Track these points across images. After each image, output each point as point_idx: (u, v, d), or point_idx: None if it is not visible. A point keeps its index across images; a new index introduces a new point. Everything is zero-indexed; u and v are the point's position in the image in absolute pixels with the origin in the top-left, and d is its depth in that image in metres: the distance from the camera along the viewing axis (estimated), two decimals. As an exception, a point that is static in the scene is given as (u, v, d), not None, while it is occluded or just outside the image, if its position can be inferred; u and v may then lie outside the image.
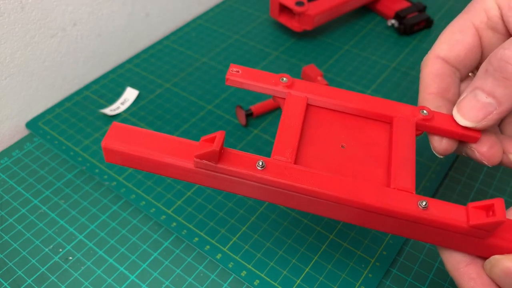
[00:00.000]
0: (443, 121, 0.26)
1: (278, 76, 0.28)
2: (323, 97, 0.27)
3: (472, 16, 0.28)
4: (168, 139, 0.25)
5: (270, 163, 0.24)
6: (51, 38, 0.45)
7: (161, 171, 0.25)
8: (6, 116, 0.44)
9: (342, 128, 0.27)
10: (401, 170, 0.24)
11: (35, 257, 0.35)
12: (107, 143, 0.24)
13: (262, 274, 0.34)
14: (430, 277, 0.34)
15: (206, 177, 0.24)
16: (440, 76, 0.28)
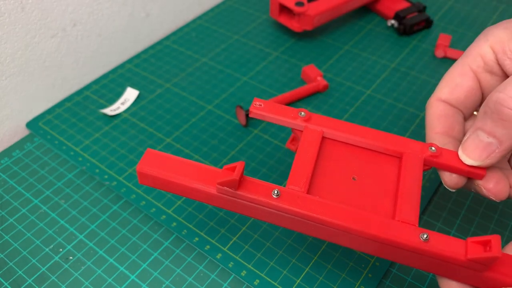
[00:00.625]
0: (451, 158, 0.28)
1: (297, 111, 0.29)
2: (338, 131, 0.29)
3: (470, 61, 0.30)
4: (195, 165, 0.27)
5: (284, 192, 0.26)
6: (51, 38, 0.45)
7: (188, 194, 0.27)
8: (6, 116, 0.44)
9: (354, 161, 0.28)
10: (406, 203, 0.26)
11: (35, 257, 0.35)
12: (140, 168, 0.27)
13: (262, 274, 0.34)
14: (429, 277, 0.34)
15: (227, 202, 0.27)
16: (443, 117, 0.30)
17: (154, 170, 0.27)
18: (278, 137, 0.44)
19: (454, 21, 0.57)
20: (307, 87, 0.47)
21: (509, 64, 0.28)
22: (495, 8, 0.59)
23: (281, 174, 0.40)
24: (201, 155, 0.42)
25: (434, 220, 0.36)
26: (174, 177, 0.27)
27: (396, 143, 0.28)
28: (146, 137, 0.44)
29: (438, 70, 0.51)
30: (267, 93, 0.48)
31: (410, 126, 0.44)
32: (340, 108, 0.46)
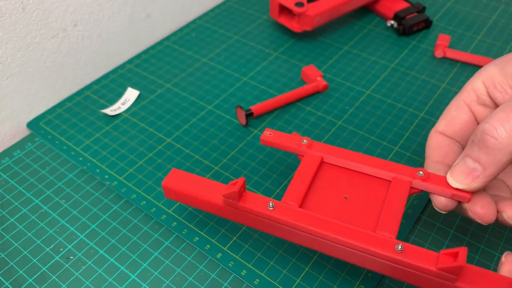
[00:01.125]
0: (438, 182, 0.30)
1: (300, 138, 0.33)
2: (336, 157, 0.32)
3: (464, 96, 0.33)
4: (210, 183, 0.32)
5: (279, 205, 0.30)
6: (52, 39, 0.45)
7: (202, 206, 0.32)
8: (7, 116, 0.44)
9: (348, 183, 0.31)
10: (388, 219, 0.29)
11: (36, 257, 0.35)
12: (165, 183, 0.32)
13: (262, 274, 0.34)
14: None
15: (231, 213, 0.31)
16: (439, 147, 0.33)
17: (176, 185, 0.32)
18: (278, 137, 0.44)
19: (453, 22, 0.57)
20: (307, 88, 0.47)
21: (499, 96, 0.31)
22: (494, 9, 0.59)
23: (281, 174, 0.40)
24: (201, 155, 0.42)
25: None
26: (191, 191, 0.31)
27: (388, 168, 0.31)
28: (147, 137, 0.44)
29: (437, 70, 0.51)
30: (267, 93, 0.48)
31: (409, 126, 0.45)
32: (340, 108, 0.46)
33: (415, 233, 0.36)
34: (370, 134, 0.44)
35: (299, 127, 0.45)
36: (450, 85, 0.49)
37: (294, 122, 0.45)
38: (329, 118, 0.45)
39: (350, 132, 0.44)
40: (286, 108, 0.47)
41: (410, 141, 0.43)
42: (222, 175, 0.40)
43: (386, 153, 0.42)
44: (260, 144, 0.35)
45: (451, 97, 0.47)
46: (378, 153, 0.42)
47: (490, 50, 0.53)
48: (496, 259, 0.34)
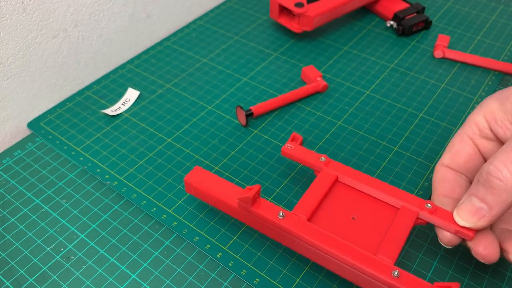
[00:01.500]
0: (443, 216, 0.31)
1: (319, 156, 0.35)
2: (350, 178, 0.33)
3: (467, 129, 0.34)
4: (228, 184, 0.33)
5: (288, 215, 0.31)
6: (52, 39, 0.45)
7: (219, 206, 0.34)
8: (8, 116, 0.44)
9: (358, 204, 0.32)
10: (389, 245, 0.29)
11: (36, 256, 0.35)
12: (187, 179, 0.34)
13: (262, 273, 0.34)
14: (428, 276, 0.34)
15: (244, 216, 0.32)
16: (445, 181, 0.34)
17: (197, 182, 0.34)
18: (278, 137, 0.44)
19: (452, 22, 0.57)
20: (307, 88, 0.47)
21: (500, 131, 0.32)
22: (493, 9, 0.59)
23: (281, 174, 0.41)
24: (201, 155, 0.42)
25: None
26: (209, 189, 0.33)
27: (398, 195, 0.32)
28: (147, 137, 0.44)
29: (436, 71, 0.51)
30: (267, 94, 0.48)
31: (409, 126, 0.45)
32: (340, 108, 0.47)
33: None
34: (370, 134, 0.44)
35: (299, 127, 0.45)
36: (450, 85, 0.49)
37: (294, 122, 0.45)
38: (329, 118, 0.46)
39: (350, 132, 0.44)
40: (286, 108, 0.47)
41: (409, 141, 0.43)
42: (222, 175, 0.40)
43: (386, 153, 0.42)
44: (282, 154, 0.37)
45: (451, 97, 0.48)
46: (378, 153, 0.42)
47: (490, 50, 0.53)
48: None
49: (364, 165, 0.41)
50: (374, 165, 0.41)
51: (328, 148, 0.43)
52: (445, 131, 0.44)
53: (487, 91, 0.48)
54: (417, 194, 0.39)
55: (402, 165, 0.41)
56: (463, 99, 0.47)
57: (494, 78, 0.50)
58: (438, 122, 0.45)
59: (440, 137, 0.44)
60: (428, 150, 0.42)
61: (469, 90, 0.48)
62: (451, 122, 0.45)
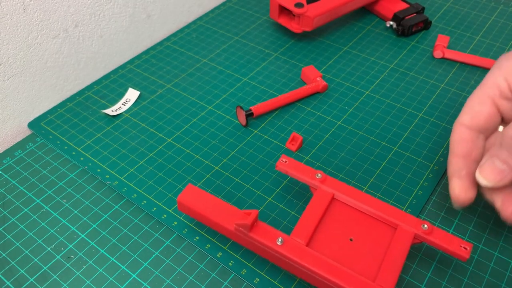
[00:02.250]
0: (439, 237, 0.31)
1: (314, 172, 0.34)
2: (347, 196, 0.33)
3: (487, 90, 0.34)
4: (223, 204, 0.33)
5: (287, 241, 0.31)
6: (53, 39, 0.45)
7: (215, 227, 0.33)
8: (8, 116, 0.44)
9: (355, 224, 0.32)
10: (388, 271, 0.30)
11: (37, 256, 0.35)
12: (180, 199, 0.34)
13: (262, 273, 0.34)
14: (428, 276, 0.34)
15: (241, 240, 0.32)
16: (462, 141, 0.34)
17: (190, 203, 0.33)
18: (278, 137, 0.44)
19: (452, 22, 0.58)
20: (307, 88, 0.47)
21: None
22: (493, 9, 0.59)
23: (280, 174, 0.41)
24: (201, 155, 0.42)
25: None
26: (204, 211, 0.33)
27: (394, 215, 0.32)
28: (147, 137, 0.44)
29: (436, 71, 0.51)
30: (267, 94, 0.48)
31: (408, 126, 0.45)
32: (339, 109, 0.47)
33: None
34: (369, 134, 0.44)
35: (299, 127, 0.45)
36: (449, 85, 0.49)
37: (294, 122, 0.45)
38: (329, 118, 0.46)
39: (350, 132, 0.44)
40: (286, 108, 0.47)
41: (409, 141, 0.43)
42: (222, 175, 0.41)
43: (385, 153, 0.42)
44: (276, 169, 0.36)
45: (450, 97, 0.48)
46: (378, 153, 0.42)
47: (489, 50, 0.53)
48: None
49: (364, 165, 0.41)
50: (374, 165, 0.41)
51: (328, 148, 0.43)
52: (445, 131, 0.44)
53: (486, 91, 0.48)
54: (416, 193, 0.39)
55: (402, 165, 0.41)
56: (463, 99, 0.48)
57: (494, 78, 0.50)
58: (438, 122, 0.45)
59: (440, 137, 0.44)
60: (427, 150, 0.43)
61: (468, 90, 0.49)
62: (451, 122, 0.45)
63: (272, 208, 0.38)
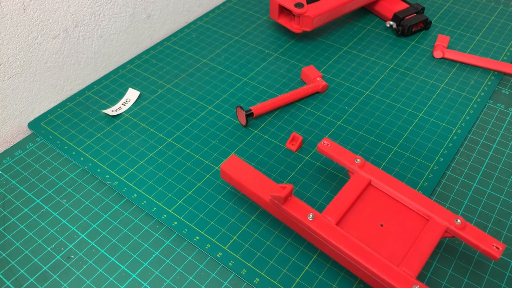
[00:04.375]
0: (472, 234, 0.31)
1: (354, 157, 0.35)
2: (383, 183, 0.34)
3: None
4: (263, 178, 0.34)
5: (318, 217, 0.32)
6: (53, 39, 0.45)
7: (252, 197, 0.35)
8: (8, 116, 0.44)
9: (388, 211, 0.33)
10: (414, 258, 0.30)
11: (37, 256, 0.35)
12: (223, 167, 0.35)
13: (262, 273, 0.34)
14: (428, 276, 0.34)
15: (275, 211, 0.34)
16: None
17: (232, 171, 0.35)
18: (278, 137, 0.44)
19: (452, 22, 0.58)
20: (307, 88, 0.47)
21: None
22: (493, 9, 0.59)
23: (281, 174, 0.41)
24: (201, 155, 0.42)
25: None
26: (243, 180, 0.34)
27: (428, 207, 0.32)
28: (147, 137, 0.44)
29: (436, 71, 0.51)
30: (267, 94, 0.48)
31: (408, 126, 0.45)
32: (339, 108, 0.47)
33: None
34: (369, 134, 0.44)
35: (299, 127, 0.45)
36: (449, 85, 0.49)
37: (294, 122, 0.45)
38: (329, 118, 0.46)
39: (350, 132, 0.44)
40: (286, 108, 0.47)
41: (409, 141, 0.43)
42: (222, 175, 0.41)
43: (386, 153, 0.42)
44: (317, 150, 0.37)
45: (450, 97, 0.48)
46: (378, 153, 0.42)
47: (489, 50, 0.53)
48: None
49: (363, 165, 0.41)
50: (373, 165, 0.41)
51: (328, 148, 0.43)
52: (445, 131, 0.44)
53: (486, 91, 0.48)
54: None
55: (402, 165, 0.41)
56: (463, 99, 0.48)
57: (494, 78, 0.50)
58: (438, 122, 0.45)
59: (440, 137, 0.44)
60: (427, 150, 0.43)
61: (468, 90, 0.49)
62: (451, 122, 0.45)
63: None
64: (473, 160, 0.42)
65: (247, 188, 0.34)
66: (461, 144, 0.43)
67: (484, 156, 0.42)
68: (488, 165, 0.41)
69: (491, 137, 0.44)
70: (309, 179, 0.40)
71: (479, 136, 0.44)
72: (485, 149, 0.43)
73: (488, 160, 0.42)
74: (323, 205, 0.38)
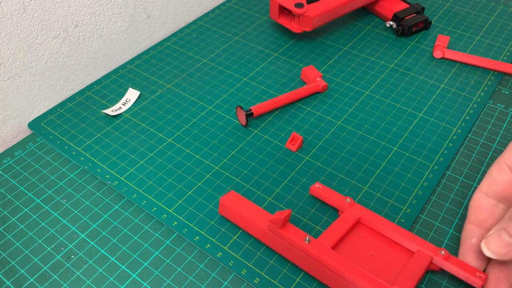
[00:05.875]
0: (455, 264, 0.32)
1: (344, 198, 0.37)
2: (371, 221, 0.35)
3: (506, 158, 0.34)
4: (259, 209, 0.35)
5: (314, 241, 0.33)
6: (53, 39, 0.45)
7: (249, 229, 0.35)
8: (8, 116, 0.45)
9: (377, 244, 0.34)
10: (406, 277, 0.31)
11: (37, 256, 0.35)
12: (223, 200, 0.36)
13: (262, 273, 0.34)
14: (428, 275, 0.34)
15: (272, 239, 0.34)
16: (480, 209, 0.34)
17: (231, 204, 0.36)
18: (278, 137, 0.44)
19: (452, 22, 0.58)
20: (307, 88, 0.47)
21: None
22: (493, 9, 0.59)
23: (281, 174, 0.41)
24: (201, 155, 0.42)
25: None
26: (242, 212, 0.35)
27: (414, 241, 0.33)
28: (147, 137, 0.44)
29: (436, 71, 0.51)
30: (267, 94, 0.48)
31: (408, 126, 0.45)
32: (339, 108, 0.47)
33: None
34: (369, 134, 0.44)
35: (299, 127, 0.45)
36: (449, 85, 0.49)
37: (294, 122, 0.45)
38: (329, 118, 0.46)
39: (350, 132, 0.44)
40: (286, 108, 0.47)
41: (409, 141, 0.43)
42: (222, 175, 0.41)
43: (385, 153, 0.42)
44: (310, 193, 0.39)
45: (450, 97, 0.48)
46: (377, 153, 0.42)
47: (489, 50, 0.53)
48: None
49: (364, 165, 0.41)
50: (373, 165, 0.41)
51: (328, 148, 0.43)
52: (445, 131, 0.44)
53: (486, 91, 0.48)
54: (416, 193, 0.39)
55: (402, 165, 0.41)
56: (463, 99, 0.48)
57: (494, 78, 0.50)
58: (438, 122, 0.45)
59: (440, 137, 0.44)
60: (427, 150, 0.43)
61: (468, 90, 0.49)
62: (451, 122, 0.45)
63: (272, 207, 0.38)
64: (473, 160, 0.42)
65: (246, 218, 0.35)
66: (461, 144, 0.43)
67: (484, 156, 0.42)
68: (488, 165, 0.41)
69: (491, 137, 0.44)
70: (309, 179, 0.40)
71: (479, 136, 0.44)
72: (485, 149, 0.43)
73: (488, 160, 0.42)
74: (324, 205, 0.38)
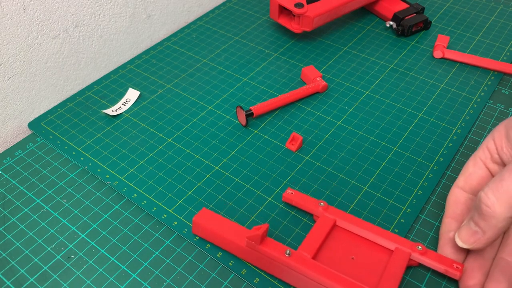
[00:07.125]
0: (433, 258, 0.33)
1: (318, 202, 0.36)
2: (347, 223, 0.35)
3: (480, 153, 0.35)
4: (235, 226, 0.35)
5: (294, 253, 0.33)
6: (53, 40, 0.45)
7: (226, 246, 0.34)
8: (8, 116, 0.45)
9: (356, 246, 0.34)
10: (388, 281, 0.31)
11: (37, 256, 0.35)
12: (196, 219, 0.35)
13: (262, 273, 0.34)
14: (428, 275, 0.34)
15: (251, 255, 0.33)
16: (456, 203, 0.35)
17: (204, 222, 0.35)
18: (278, 137, 0.44)
19: (452, 22, 0.58)
20: (307, 88, 0.47)
21: (505, 158, 0.33)
22: (493, 9, 0.59)
23: (281, 174, 0.41)
24: (201, 155, 0.42)
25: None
26: (217, 230, 0.34)
27: (391, 239, 0.34)
28: (147, 137, 0.44)
29: (436, 71, 0.51)
30: (267, 94, 0.48)
31: (408, 126, 0.45)
32: (339, 109, 0.47)
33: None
34: (369, 134, 0.44)
35: (299, 127, 0.45)
36: (449, 85, 0.49)
37: (294, 122, 0.45)
38: (329, 118, 0.46)
39: (349, 132, 0.44)
40: (286, 108, 0.47)
41: (409, 141, 0.43)
42: (222, 175, 0.41)
43: (385, 153, 0.42)
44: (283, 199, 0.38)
45: (450, 97, 0.48)
46: (377, 153, 0.42)
47: (489, 50, 0.53)
48: None
49: (363, 165, 0.41)
50: (373, 165, 0.41)
51: (328, 148, 0.43)
52: (445, 131, 0.44)
53: (486, 91, 0.48)
54: (416, 193, 0.39)
55: (402, 165, 0.41)
56: (463, 99, 0.48)
57: (494, 78, 0.50)
58: (438, 122, 0.45)
59: (440, 137, 0.44)
60: (427, 150, 0.43)
61: (468, 90, 0.49)
62: (451, 122, 0.45)
63: (272, 207, 0.38)
64: (473, 160, 0.42)
65: (222, 237, 0.34)
66: (461, 144, 0.43)
67: (484, 156, 0.42)
68: (488, 165, 0.41)
69: (491, 137, 0.44)
70: (309, 179, 0.40)
71: (479, 136, 0.44)
72: (485, 149, 0.43)
73: (488, 160, 0.42)
74: (323, 205, 0.38)
